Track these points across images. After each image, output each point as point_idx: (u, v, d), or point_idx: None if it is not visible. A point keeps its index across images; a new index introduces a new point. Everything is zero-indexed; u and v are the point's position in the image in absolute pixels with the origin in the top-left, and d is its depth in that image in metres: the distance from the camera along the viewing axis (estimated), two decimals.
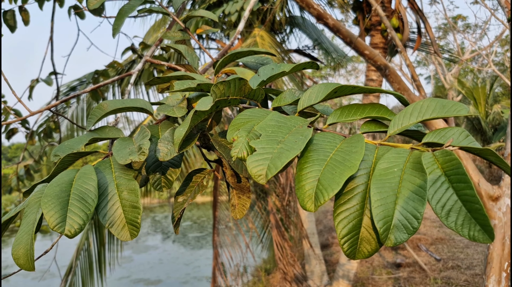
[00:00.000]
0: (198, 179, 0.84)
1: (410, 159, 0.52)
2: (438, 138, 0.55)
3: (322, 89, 0.70)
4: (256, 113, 0.68)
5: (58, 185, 0.66)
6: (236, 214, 0.91)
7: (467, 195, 0.46)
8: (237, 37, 6.96)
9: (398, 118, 0.60)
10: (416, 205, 0.48)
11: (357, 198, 0.53)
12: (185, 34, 1.35)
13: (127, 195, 0.68)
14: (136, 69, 1.20)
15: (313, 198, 0.50)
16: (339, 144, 0.57)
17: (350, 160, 0.53)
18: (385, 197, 0.49)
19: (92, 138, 0.80)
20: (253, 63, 1.10)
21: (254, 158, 0.54)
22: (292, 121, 0.62)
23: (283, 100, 0.78)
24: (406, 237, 0.47)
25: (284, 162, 0.52)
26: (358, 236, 0.52)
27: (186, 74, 0.96)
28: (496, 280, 2.30)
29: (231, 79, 0.68)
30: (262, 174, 0.52)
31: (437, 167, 0.50)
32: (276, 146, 0.55)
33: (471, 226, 0.46)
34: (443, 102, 0.60)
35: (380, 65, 2.70)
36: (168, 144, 0.73)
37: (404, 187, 0.49)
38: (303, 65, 0.82)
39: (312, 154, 0.55)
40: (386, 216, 0.47)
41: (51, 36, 3.06)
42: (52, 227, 0.61)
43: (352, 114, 0.67)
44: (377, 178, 0.51)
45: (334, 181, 0.50)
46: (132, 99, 0.88)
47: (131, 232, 0.67)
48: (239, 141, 0.60)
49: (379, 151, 0.56)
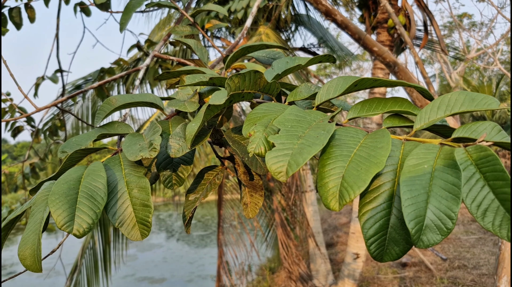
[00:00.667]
0: (210, 177, 0.81)
1: (441, 154, 0.49)
2: (469, 133, 0.52)
3: (341, 82, 0.67)
4: (272, 107, 0.65)
5: (66, 183, 0.63)
6: (248, 212, 0.88)
7: (506, 194, 0.43)
8: (232, 36, 6.93)
9: (425, 112, 0.56)
10: (449, 204, 0.44)
11: (383, 196, 0.49)
12: (193, 29, 1.32)
13: (137, 193, 0.66)
14: (144, 65, 1.17)
15: (337, 196, 0.47)
16: (363, 139, 0.54)
17: (375, 155, 0.50)
18: (416, 195, 0.45)
19: (101, 134, 0.77)
20: (264, 57, 1.07)
21: (274, 153, 0.51)
22: (312, 115, 0.59)
23: (299, 95, 0.75)
24: (440, 238, 0.44)
25: (306, 157, 0.49)
26: (385, 237, 0.48)
27: (196, 69, 0.93)
28: (508, 281, 2.26)
29: (246, 72, 0.65)
30: (282, 171, 0.49)
31: (471, 163, 0.46)
32: (296, 141, 0.52)
33: (510, 227, 0.43)
34: (472, 95, 0.56)
35: (389, 62, 2.66)
36: (179, 140, 0.70)
37: (436, 184, 0.46)
38: (319, 58, 0.79)
39: (334, 150, 0.52)
40: (418, 216, 0.44)
41: (56, 33, 3.04)
42: (60, 227, 0.58)
43: (373, 108, 0.64)
44: (406, 175, 0.47)
45: (360, 178, 0.47)
46: (141, 94, 0.85)
47: (142, 232, 0.64)
48: (256, 136, 0.57)
49: (406, 147, 0.53)
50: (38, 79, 3.11)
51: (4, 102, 3.03)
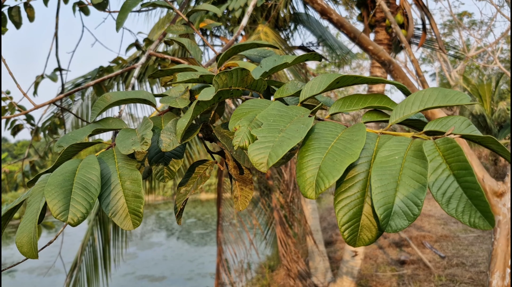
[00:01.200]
0: (201, 170, 0.84)
1: (412, 147, 0.52)
2: (439, 126, 0.55)
3: (325, 79, 0.70)
4: (258, 103, 0.68)
5: (62, 174, 0.66)
6: (238, 205, 0.91)
7: (468, 182, 0.46)
8: (241, 33, 6.96)
9: (400, 107, 0.60)
10: (416, 191, 0.48)
11: (358, 186, 0.53)
12: (188, 28, 1.35)
13: (129, 184, 0.69)
14: (140, 63, 1.20)
15: (313, 185, 0.51)
16: (341, 132, 0.58)
17: (351, 148, 0.53)
18: (385, 184, 0.49)
19: (95, 129, 0.80)
20: (256, 56, 1.10)
21: (256, 146, 0.54)
22: (294, 111, 0.62)
23: (285, 92, 0.78)
24: (406, 223, 0.47)
25: (285, 149, 0.52)
26: (358, 223, 0.52)
27: (189, 67, 0.96)
28: (500, 276, 2.29)
29: (234, 69, 0.69)
30: (263, 162, 0.52)
31: (438, 155, 0.50)
32: (277, 135, 0.55)
33: (472, 213, 0.46)
34: (445, 92, 0.59)
35: (384, 61, 2.69)
36: (170, 135, 0.73)
37: (405, 174, 0.49)
38: (305, 57, 0.82)
39: (313, 142, 0.55)
40: (386, 203, 0.48)
41: (55, 32, 3.07)
42: (55, 215, 0.62)
43: (354, 104, 0.67)
44: (378, 165, 0.51)
45: (335, 168, 0.50)
46: (135, 91, 0.88)
47: (134, 221, 0.68)
48: (241, 130, 0.60)
49: (381, 140, 0.56)
50: (37, 77, 3.14)
51: (4, 100, 3.06)
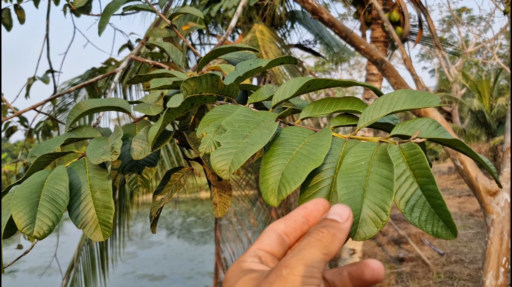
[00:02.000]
0: (176, 178, 0.83)
1: (378, 151, 0.51)
2: (406, 130, 0.54)
3: (297, 83, 0.69)
4: (228, 109, 0.67)
5: (29, 186, 0.65)
6: (217, 212, 0.90)
7: (430, 190, 0.45)
8: (236, 31, 6.93)
9: (368, 111, 0.59)
10: (384, 197, 0.46)
11: (322, 192, 0.52)
12: (171, 32, 1.34)
13: (100, 195, 0.68)
14: (120, 68, 1.19)
15: (276, 192, 0.50)
16: (307, 138, 0.56)
17: (315, 153, 0.52)
18: (352, 190, 0.48)
19: (69, 139, 0.79)
20: (237, 59, 1.09)
21: (218, 153, 0.53)
22: (261, 116, 0.61)
23: (260, 96, 0.77)
24: (376, 230, 0.46)
25: (247, 156, 0.51)
26: None
27: (167, 72, 0.95)
28: (494, 275, 2.28)
29: (203, 75, 0.67)
30: (225, 169, 0.51)
31: (403, 161, 0.49)
32: (241, 141, 0.54)
33: (434, 222, 0.45)
34: (414, 94, 0.58)
35: (377, 60, 2.68)
36: (142, 143, 0.72)
37: (372, 179, 0.48)
38: (280, 60, 0.81)
39: (278, 148, 0.54)
40: (353, 210, 0.46)
41: (47, 34, 3.06)
42: (20, 229, 0.60)
43: (325, 108, 0.66)
44: (344, 172, 0.50)
45: (297, 174, 0.49)
46: (110, 98, 0.87)
47: (104, 233, 0.66)
48: (207, 137, 0.59)
49: (347, 145, 0.55)
50: (29, 80, 3.13)
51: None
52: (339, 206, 0.45)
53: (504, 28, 16.88)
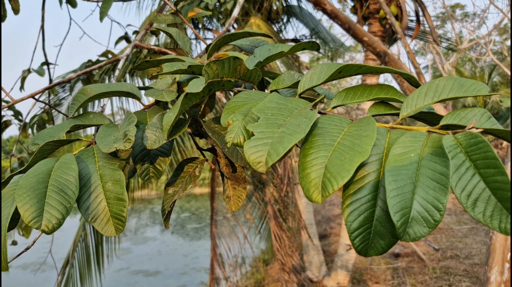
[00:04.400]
0: (190, 169, 0.77)
1: (428, 143, 0.46)
2: (458, 120, 0.49)
3: (325, 69, 0.64)
4: (252, 95, 0.61)
5: (35, 176, 0.59)
6: (231, 206, 0.84)
7: (498, 182, 0.40)
8: (233, 26, 6.87)
9: (412, 99, 0.53)
10: (437, 194, 0.41)
11: (368, 188, 0.46)
12: (176, 18, 1.28)
13: (111, 186, 0.62)
14: (124, 54, 1.13)
15: (319, 188, 0.44)
16: (347, 127, 0.51)
17: (360, 144, 0.46)
18: (401, 185, 0.42)
19: (74, 125, 0.73)
20: (248, 46, 1.04)
21: (253, 143, 0.47)
22: (294, 103, 0.56)
23: (282, 83, 0.72)
24: (427, 231, 0.41)
25: (286, 147, 0.46)
26: (370, 230, 0.45)
27: (176, 57, 0.89)
28: (498, 271, 2.26)
29: (225, 58, 0.62)
30: (261, 161, 0.46)
31: (461, 151, 0.43)
32: (276, 130, 0.49)
33: (502, 218, 0.40)
34: (461, 81, 0.53)
35: (380, 52, 2.63)
36: (156, 131, 0.67)
37: (423, 174, 0.43)
38: (302, 45, 0.76)
39: (317, 139, 0.49)
40: (403, 207, 0.41)
41: (42, 25, 2.98)
42: (27, 222, 0.55)
43: (358, 96, 0.61)
44: (392, 164, 0.44)
45: (343, 168, 0.44)
46: (118, 83, 0.81)
47: (116, 227, 0.61)
48: (235, 125, 0.53)
49: (392, 135, 0.50)
50: (24, 72, 3.05)
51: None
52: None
53: (498, 25, 16.92)
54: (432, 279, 6.20)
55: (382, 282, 6.40)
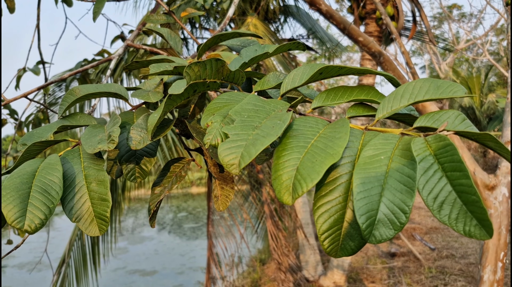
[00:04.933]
0: (177, 169, 0.78)
1: (399, 145, 0.47)
2: (431, 122, 0.50)
3: (307, 70, 0.65)
4: (234, 97, 0.62)
5: (19, 176, 0.60)
6: (219, 205, 0.85)
7: (463, 185, 0.41)
8: (230, 26, 6.87)
9: (388, 100, 0.55)
10: (404, 197, 0.42)
11: (339, 189, 0.48)
12: (169, 18, 1.29)
13: (96, 186, 0.63)
14: (116, 54, 1.14)
15: (290, 189, 0.45)
16: (322, 129, 0.52)
17: (332, 146, 0.48)
18: (369, 188, 0.44)
19: (62, 126, 0.74)
20: (239, 46, 1.05)
21: (227, 145, 0.48)
22: (272, 105, 0.57)
23: (267, 84, 0.73)
24: (393, 233, 0.42)
25: (258, 149, 0.47)
26: (340, 231, 0.46)
27: (166, 58, 0.90)
28: (491, 270, 2.27)
29: (207, 60, 0.63)
30: (235, 163, 0.47)
31: (430, 154, 0.44)
32: (251, 132, 0.50)
33: (467, 220, 0.41)
34: (437, 83, 0.54)
35: (375, 52, 2.64)
36: (141, 131, 0.68)
37: (391, 176, 0.44)
38: (288, 46, 0.77)
39: (291, 140, 0.50)
40: (369, 210, 0.42)
41: (37, 24, 2.98)
42: (10, 222, 0.56)
43: (338, 97, 0.62)
44: (361, 166, 0.45)
45: (314, 170, 0.45)
46: (106, 84, 0.82)
47: (100, 227, 0.62)
48: (213, 127, 0.54)
49: (366, 137, 0.51)
50: (19, 71, 3.05)
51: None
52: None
53: (494, 25, 16.96)
54: (427, 279, 6.22)
55: (378, 281, 6.42)
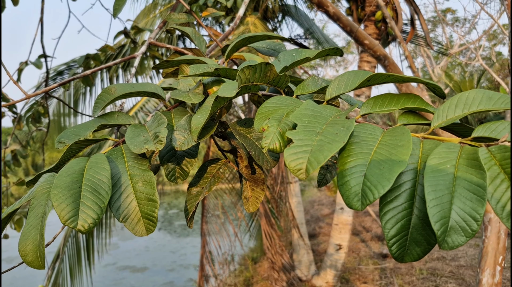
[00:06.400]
0: (213, 170, 0.79)
1: (463, 154, 0.48)
2: (489, 132, 0.51)
3: (352, 77, 0.66)
4: (283, 101, 0.63)
5: (69, 175, 0.60)
6: (249, 206, 0.86)
7: None
8: (228, 24, 6.86)
9: (443, 110, 0.55)
10: (474, 205, 0.43)
11: (404, 196, 0.48)
12: (190, 17, 1.29)
13: (142, 186, 0.63)
14: (140, 52, 1.14)
15: (359, 195, 0.46)
16: (381, 136, 0.53)
17: (397, 154, 0.48)
18: (440, 195, 0.44)
19: (101, 125, 0.74)
20: (265, 48, 1.05)
21: (293, 150, 0.49)
22: (327, 111, 0.57)
23: (306, 88, 0.74)
24: (464, 240, 0.43)
25: (327, 155, 0.47)
26: (407, 237, 0.47)
27: (196, 58, 0.90)
28: (490, 274, 2.31)
29: (258, 64, 0.63)
30: (302, 168, 0.48)
31: (495, 164, 0.46)
32: (315, 138, 0.50)
33: None
34: (489, 94, 0.56)
35: (380, 56, 2.66)
36: (185, 132, 0.68)
37: (460, 185, 0.45)
38: (327, 51, 0.78)
39: (354, 147, 0.51)
40: (443, 217, 0.43)
41: (41, 17, 2.95)
42: (63, 222, 0.56)
43: (386, 104, 0.62)
44: (430, 174, 0.46)
45: (383, 177, 0.46)
46: (142, 83, 0.82)
47: (147, 227, 0.62)
48: (270, 131, 0.55)
49: (425, 145, 0.52)
50: (21, 64, 3.02)
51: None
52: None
53: (487, 30, 17.15)
54: (419, 280, 6.28)
55: (370, 282, 6.47)
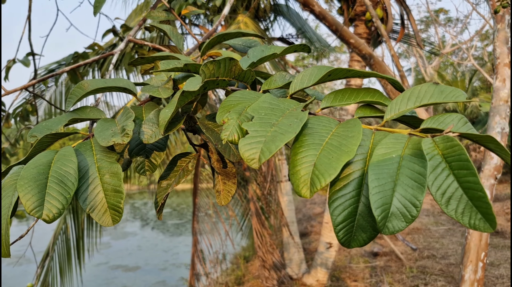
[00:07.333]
0: (183, 163, 0.81)
1: (409, 144, 0.50)
2: (437, 124, 0.53)
3: (315, 72, 0.68)
4: (246, 95, 0.65)
5: (36, 167, 0.62)
6: (221, 200, 0.88)
7: (469, 182, 0.44)
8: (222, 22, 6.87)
9: (395, 103, 0.58)
10: (415, 192, 0.46)
11: (352, 185, 0.51)
12: (169, 15, 1.30)
13: (109, 178, 0.65)
14: (118, 49, 1.15)
15: (308, 184, 0.48)
16: (335, 128, 0.55)
17: (346, 144, 0.51)
18: (383, 183, 0.47)
19: (72, 119, 0.76)
20: (241, 45, 1.07)
21: (247, 141, 0.51)
22: (285, 104, 0.59)
23: (273, 83, 0.75)
24: (404, 225, 0.45)
25: (278, 145, 0.49)
26: (353, 223, 0.49)
27: (171, 55, 0.92)
28: (472, 270, 2.34)
29: (221, 59, 0.65)
30: (255, 157, 0.50)
31: (438, 153, 0.48)
32: (269, 129, 0.52)
33: (472, 214, 0.44)
34: (441, 88, 0.58)
35: (365, 54, 2.69)
36: (152, 126, 0.70)
37: (403, 173, 0.47)
38: (294, 47, 0.80)
39: (307, 138, 0.53)
40: (384, 203, 0.45)
41: (28, 15, 2.95)
42: (28, 211, 0.57)
43: (346, 98, 0.65)
44: (375, 164, 0.49)
45: (331, 166, 0.48)
46: (114, 78, 0.84)
47: (113, 217, 0.64)
48: (230, 123, 0.57)
49: (376, 136, 0.54)
50: (8, 62, 3.02)
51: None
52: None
53: (479, 30, 17.28)
54: (409, 278, 6.33)
55: (360, 280, 6.51)
